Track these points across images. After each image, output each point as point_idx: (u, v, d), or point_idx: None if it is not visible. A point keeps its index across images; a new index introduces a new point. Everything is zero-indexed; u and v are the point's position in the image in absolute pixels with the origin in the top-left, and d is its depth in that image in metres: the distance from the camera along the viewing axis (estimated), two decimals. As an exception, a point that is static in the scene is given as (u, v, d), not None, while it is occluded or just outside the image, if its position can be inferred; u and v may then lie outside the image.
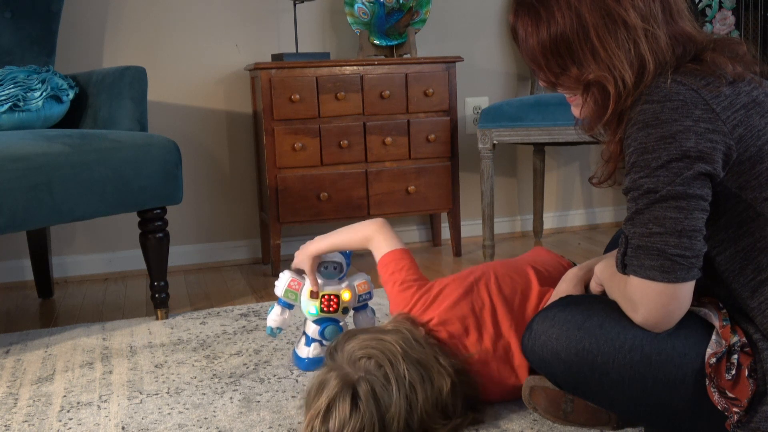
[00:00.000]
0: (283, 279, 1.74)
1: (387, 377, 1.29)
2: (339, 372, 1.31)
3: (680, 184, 1.10)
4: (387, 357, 1.31)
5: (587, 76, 1.18)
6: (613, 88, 1.16)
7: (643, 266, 1.14)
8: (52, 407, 1.60)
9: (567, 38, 1.18)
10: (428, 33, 3.02)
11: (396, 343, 1.34)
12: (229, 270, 2.84)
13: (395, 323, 1.44)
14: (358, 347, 1.35)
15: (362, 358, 1.32)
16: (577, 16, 1.16)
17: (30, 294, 2.59)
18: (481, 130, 2.63)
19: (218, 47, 2.84)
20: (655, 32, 1.16)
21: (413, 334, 1.39)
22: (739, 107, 1.13)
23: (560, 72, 1.22)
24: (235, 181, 2.91)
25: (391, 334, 1.37)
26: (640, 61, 1.15)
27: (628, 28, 1.15)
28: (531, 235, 3.22)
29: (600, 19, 1.16)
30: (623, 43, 1.15)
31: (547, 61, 1.21)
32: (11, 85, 2.20)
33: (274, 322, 1.75)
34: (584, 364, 1.20)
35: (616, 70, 1.15)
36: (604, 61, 1.16)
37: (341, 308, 1.71)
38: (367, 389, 1.27)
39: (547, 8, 1.19)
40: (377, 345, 1.34)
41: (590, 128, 1.25)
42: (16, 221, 1.86)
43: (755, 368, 1.15)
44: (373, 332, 1.40)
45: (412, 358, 1.33)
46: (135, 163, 2.03)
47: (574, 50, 1.18)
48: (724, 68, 1.15)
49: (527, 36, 1.22)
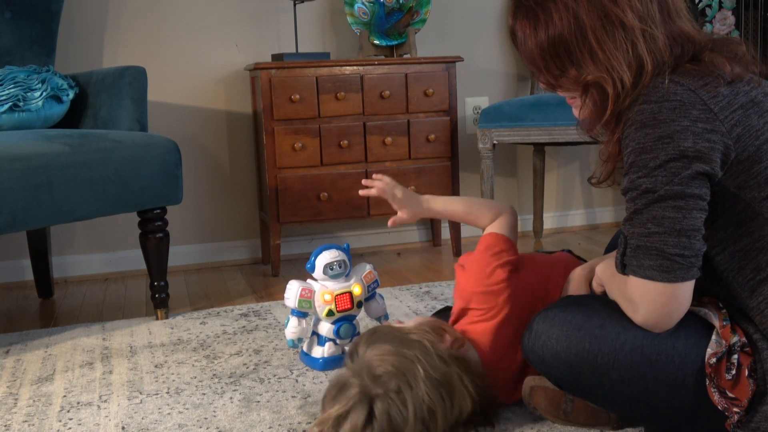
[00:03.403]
0: (293, 290, 1.72)
1: (405, 403, 1.24)
2: (360, 381, 1.26)
3: (678, 184, 1.10)
4: (407, 379, 1.25)
5: (586, 77, 1.18)
6: (612, 89, 1.16)
7: (642, 266, 1.14)
8: (52, 407, 1.60)
9: (565, 40, 1.18)
10: (428, 33, 3.02)
11: (418, 362, 1.27)
12: (229, 270, 2.84)
13: (419, 332, 1.36)
14: (379, 360, 1.28)
15: (382, 375, 1.26)
16: (575, 17, 1.17)
17: (30, 294, 2.59)
18: (481, 130, 2.63)
19: (218, 47, 2.84)
20: (653, 32, 1.16)
21: (437, 349, 1.32)
22: (737, 107, 1.13)
23: (559, 74, 1.22)
24: (235, 181, 2.91)
25: (414, 349, 1.30)
26: (638, 61, 1.15)
27: (626, 29, 1.15)
28: (531, 235, 3.22)
29: (597, 21, 1.16)
30: (621, 44, 1.16)
31: (545, 63, 1.22)
32: (11, 85, 2.20)
33: (294, 334, 1.74)
34: (584, 365, 1.20)
35: (615, 71, 1.15)
36: (603, 62, 1.16)
37: (355, 303, 1.73)
38: (384, 409, 1.23)
39: (545, 10, 1.19)
40: (398, 363, 1.27)
41: (590, 129, 1.25)
42: (16, 221, 1.86)
43: (755, 368, 1.15)
44: (395, 342, 1.32)
45: (434, 379, 1.27)
46: (135, 163, 2.03)
47: (572, 52, 1.18)
48: (723, 68, 1.15)
49: (526, 38, 1.23)
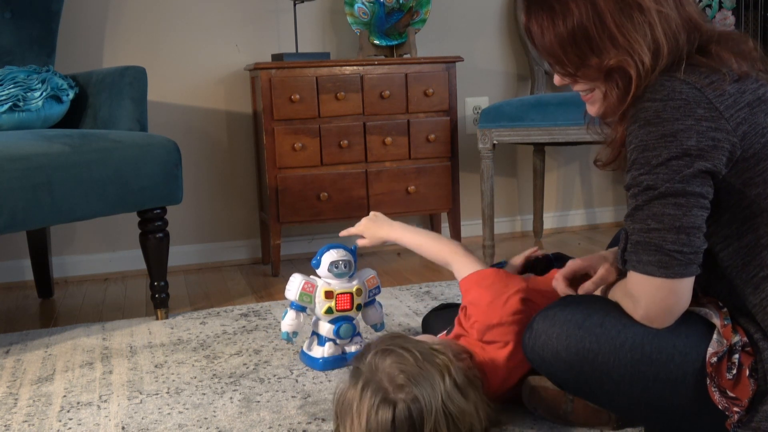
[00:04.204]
0: (295, 282, 1.72)
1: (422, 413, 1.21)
2: (379, 385, 1.23)
3: (679, 182, 1.11)
4: (422, 411, 1.21)
5: (608, 62, 1.17)
6: (635, 71, 1.15)
7: (641, 261, 1.15)
8: (52, 407, 1.60)
9: (584, 28, 1.17)
10: (428, 33, 3.02)
11: (437, 396, 1.22)
12: (229, 270, 2.84)
13: (441, 356, 1.29)
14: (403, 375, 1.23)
15: (402, 386, 1.22)
16: (592, 4, 1.16)
17: (30, 294, 2.59)
18: (481, 130, 2.63)
19: (218, 47, 2.84)
20: (668, 13, 1.16)
21: (458, 381, 1.26)
22: (744, 105, 1.13)
23: (580, 63, 1.20)
24: (235, 181, 2.91)
25: (437, 378, 1.24)
26: (656, 44, 1.15)
27: (643, 11, 1.15)
28: (531, 235, 3.22)
29: (614, 5, 1.16)
30: (640, 27, 1.15)
31: (566, 53, 1.20)
32: (11, 85, 2.20)
33: (290, 327, 1.74)
34: (585, 363, 1.20)
35: (636, 54, 1.15)
36: (623, 45, 1.16)
37: (355, 306, 1.73)
38: (403, 417, 1.20)
39: (561, 1, 1.18)
40: (424, 398, 1.22)
41: (608, 116, 1.24)
42: (16, 221, 1.86)
43: (756, 368, 1.15)
44: (416, 365, 1.25)
45: (450, 410, 1.23)
46: (135, 163, 2.02)
47: (592, 39, 1.17)
48: (729, 64, 1.15)
49: (544, 31, 1.21)
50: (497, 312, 1.41)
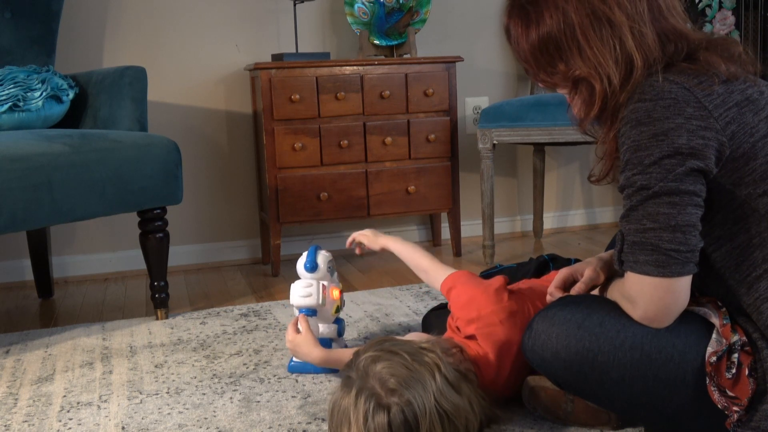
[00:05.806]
0: (314, 287, 1.69)
1: (416, 415, 1.21)
2: (371, 391, 1.23)
3: (672, 180, 1.12)
4: (416, 413, 1.21)
5: (574, 72, 1.21)
6: (599, 84, 1.18)
7: (638, 261, 1.15)
8: (52, 407, 1.60)
9: (555, 37, 1.21)
10: (428, 33, 3.02)
11: (430, 396, 1.23)
12: (229, 270, 2.84)
13: (430, 354, 1.29)
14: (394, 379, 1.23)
15: (397, 388, 1.23)
16: (564, 15, 1.20)
17: (30, 294, 2.59)
18: (481, 130, 2.63)
19: (218, 47, 2.84)
20: (642, 29, 1.18)
21: (448, 377, 1.26)
22: (732, 105, 1.14)
23: (551, 70, 1.25)
24: (235, 181, 2.91)
25: (427, 377, 1.25)
26: (627, 57, 1.17)
27: (613, 26, 1.18)
28: (531, 235, 3.22)
29: (586, 18, 1.19)
30: (608, 41, 1.18)
31: (536, 60, 1.25)
32: (11, 85, 2.20)
33: (329, 334, 1.72)
34: (584, 363, 1.20)
35: (602, 68, 1.18)
36: (590, 59, 1.19)
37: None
38: (399, 420, 1.21)
39: (537, 9, 1.22)
40: (417, 400, 1.22)
41: (581, 125, 1.28)
42: (16, 221, 1.86)
43: (755, 367, 1.15)
44: (406, 366, 1.25)
45: (444, 408, 1.23)
46: (135, 163, 2.03)
47: (562, 49, 1.21)
48: (718, 67, 1.16)
49: (518, 36, 1.26)
50: (475, 305, 1.47)
